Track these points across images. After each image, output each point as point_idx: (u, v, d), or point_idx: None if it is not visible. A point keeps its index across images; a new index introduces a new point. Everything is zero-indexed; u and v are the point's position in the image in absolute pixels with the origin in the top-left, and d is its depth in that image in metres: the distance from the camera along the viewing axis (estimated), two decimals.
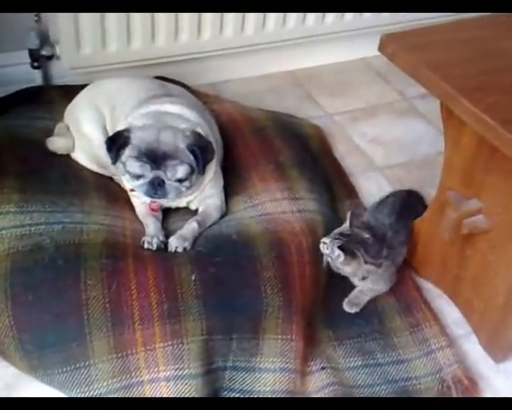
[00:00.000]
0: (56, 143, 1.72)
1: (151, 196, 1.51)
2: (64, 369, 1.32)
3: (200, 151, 1.49)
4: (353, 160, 2.06)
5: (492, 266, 1.46)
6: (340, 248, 1.44)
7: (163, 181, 1.48)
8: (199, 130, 1.54)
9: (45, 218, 1.48)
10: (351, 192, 1.90)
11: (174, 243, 1.52)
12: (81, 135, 1.71)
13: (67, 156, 1.74)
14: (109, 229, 1.51)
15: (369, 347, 1.48)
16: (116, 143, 1.50)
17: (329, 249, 1.46)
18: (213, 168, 1.62)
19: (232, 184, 1.73)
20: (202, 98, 1.97)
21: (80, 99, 1.77)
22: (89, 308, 1.34)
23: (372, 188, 1.95)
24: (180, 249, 1.51)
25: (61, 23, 1.92)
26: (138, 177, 1.49)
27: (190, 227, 1.57)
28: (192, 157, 1.48)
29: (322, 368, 1.42)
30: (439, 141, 1.53)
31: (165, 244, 1.54)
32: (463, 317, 1.59)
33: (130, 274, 1.39)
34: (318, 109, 2.27)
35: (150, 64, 2.10)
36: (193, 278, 1.40)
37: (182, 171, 1.48)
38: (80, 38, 1.96)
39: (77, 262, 1.39)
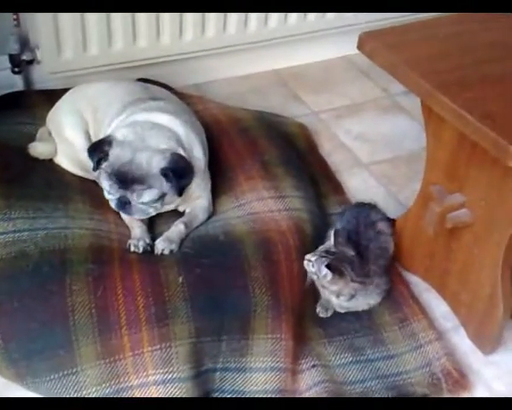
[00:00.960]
0: (39, 149, 1.71)
1: (119, 211, 1.55)
2: (52, 376, 1.30)
3: (175, 176, 1.47)
4: (339, 157, 2.06)
5: (477, 259, 1.47)
6: (327, 266, 1.40)
7: (129, 201, 1.49)
8: (181, 151, 1.52)
9: (29, 224, 1.47)
10: (337, 189, 1.90)
11: (160, 246, 1.51)
12: (63, 140, 1.70)
13: (50, 161, 1.73)
14: (94, 233, 1.51)
15: (359, 343, 1.48)
16: (96, 154, 1.49)
17: (316, 267, 1.42)
18: (200, 177, 1.61)
19: (218, 185, 1.73)
20: (186, 100, 1.96)
21: (62, 104, 1.76)
22: (75, 314, 1.32)
23: (358, 184, 1.96)
24: (167, 252, 1.50)
25: (40, 27, 1.90)
26: (108, 192, 1.51)
27: (177, 229, 1.56)
28: (165, 182, 1.48)
29: (313, 366, 1.42)
30: (423, 136, 1.54)
31: (152, 247, 1.53)
32: (451, 310, 1.59)
33: (116, 278, 1.38)
34: (303, 108, 2.27)
35: (132, 66, 2.08)
36: (180, 280, 1.40)
37: (148, 196, 1.48)
38: (61, 42, 1.95)
39: (62, 268, 1.38)
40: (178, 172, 1.48)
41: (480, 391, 1.43)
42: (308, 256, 1.45)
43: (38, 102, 1.93)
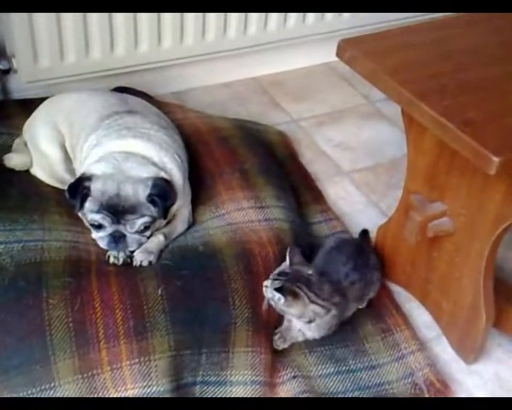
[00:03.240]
0: (14, 160, 1.69)
1: (113, 250, 1.50)
2: (29, 391, 1.27)
3: (161, 200, 1.47)
4: (320, 165, 2.06)
5: (458, 268, 1.47)
6: (278, 289, 1.33)
7: (124, 235, 1.48)
8: (161, 174, 1.51)
9: (5, 237, 1.45)
10: (318, 198, 1.90)
11: (139, 258, 1.49)
12: (39, 152, 1.67)
13: (27, 172, 1.70)
14: (72, 245, 1.48)
15: (340, 353, 1.47)
16: (78, 193, 1.47)
17: (270, 293, 1.35)
18: (180, 191, 1.59)
19: (198, 194, 1.71)
20: (165, 109, 1.94)
21: (38, 115, 1.73)
22: (52, 329, 1.30)
23: (339, 193, 1.95)
24: (145, 263, 1.48)
25: (16, 36, 1.87)
26: (99, 227, 1.48)
27: (156, 240, 1.54)
28: (153, 208, 1.47)
29: (294, 377, 1.40)
30: (404, 143, 1.53)
31: (132, 258, 1.50)
32: (433, 319, 1.59)
33: (93, 292, 1.36)
34: (283, 115, 2.27)
35: (111, 75, 2.06)
36: (159, 292, 1.38)
37: (141, 223, 1.47)
38: (37, 51, 1.92)
39: (38, 281, 1.36)
40: (163, 196, 1.48)
41: None
42: (265, 282, 1.37)
43: (14, 112, 1.89)
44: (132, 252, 1.51)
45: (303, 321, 1.39)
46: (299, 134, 2.18)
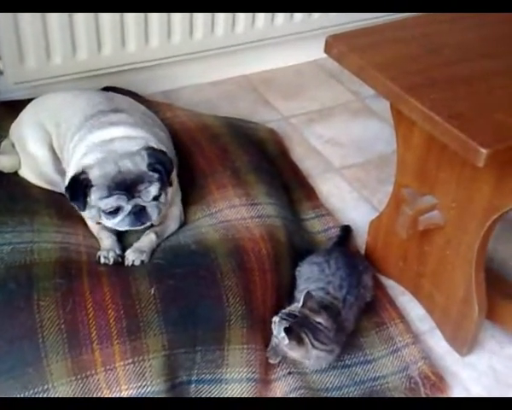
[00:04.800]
0: (2, 162, 1.68)
1: (136, 227, 1.48)
2: (22, 395, 1.26)
3: (161, 165, 1.46)
4: (311, 162, 2.05)
5: (450, 261, 1.47)
6: (286, 330, 1.30)
7: (143, 207, 1.45)
8: (150, 143, 1.50)
9: None
10: (310, 194, 1.89)
11: (131, 257, 1.48)
12: (27, 153, 1.66)
13: (15, 174, 1.69)
14: (62, 247, 1.46)
15: None
16: (78, 190, 1.44)
17: (277, 330, 1.33)
18: (175, 178, 1.59)
19: (189, 193, 1.70)
20: (154, 108, 1.93)
21: (25, 116, 1.72)
22: (44, 331, 1.28)
23: (331, 189, 1.95)
24: (137, 263, 1.47)
25: (2, 37, 1.86)
26: (116, 212, 1.45)
27: (147, 239, 1.53)
28: (156, 175, 1.46)
29: (289, 373, 1.40)
30: (394, 139, 1.53)
31: (123, 258, 1.50)
32: (426, 313, 1.59)
33: (85, 292, 1.34)
34: (273, 113, 2.26)
35: (98, 75, 2.05)
36: (152, 291, 1.37)
37: (154, 189, 1.45)
38: (23, 52, 1.91)
39: (29, 284, 1.34)
40: (162, 162, 1.47)
41: (457, 393, 1.43)
42: (273, 318, 1.35)
43: (1, 114, 1.87)
44: (150, 226, 1.51)
45: (305, 361, 1.38)
46: (289, 131, 2.17)
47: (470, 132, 1.17)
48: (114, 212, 1.45)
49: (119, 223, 1.47)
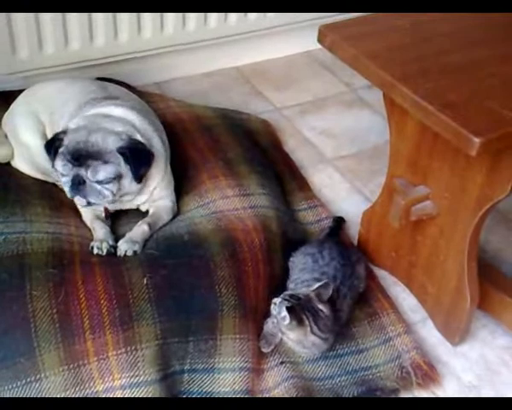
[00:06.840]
0: None
1: (72, 196, 1.47)
2: (14, 385, 1.26)
3: (132, 156, 1.45)
4: (304, 153, 2.05)
5: (442, 251, 1.48)
6: (288, 309, 1.31)
7: (83, 181, 1.44)
8: (139, 138, 1.50)
9: None
10: (303, 185, 1.89)
11: (123, 247, 1.48)
12: (20, 143, 1.66)
13: (8, 164, 1.68)
14: (54, 237, 1.46)
15: None
16: (52, 145, 1.46)
17: (277, 310, 1.33)
18: (161, 173, 1.58)
19: (182, 184, 1.70)
20: (147, 98, 1.92)
21: (17, 106, 1.71)
22: (36, 321, 1.28)
23: (323, 180, 1.96)
24: (130, 253, 1.47)
25: None
26: (63, 175, 1.46)
27: (140, 230, 1.53)
28: (122, 161, 1.44)
29: (281, 363, 1.40)
30: (387, 130, 1.54)
31: (116, 249, 1.49)
32: (419, 303, 1.60)
33: (77, 282, 1.34)
34: (266, 104, 2.26)
35: (91, 65, 2.04)
36: (144, 281, 1.37)
37: (103, 172, 1.43)
38: (16, 42, 1.90)
39: (21, 274, 1.34)
40: (136, 155, 1.46)
41: (449, 382, 1.44)
42: (274, 299, 1.36)
43: None
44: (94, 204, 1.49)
45: (299, 347, 1.39)
46: (282, 122, 2.17)
47: (463, 121, 1.17)
48: (62, 175, 1.46)
49: (64, 186, 1.48)
